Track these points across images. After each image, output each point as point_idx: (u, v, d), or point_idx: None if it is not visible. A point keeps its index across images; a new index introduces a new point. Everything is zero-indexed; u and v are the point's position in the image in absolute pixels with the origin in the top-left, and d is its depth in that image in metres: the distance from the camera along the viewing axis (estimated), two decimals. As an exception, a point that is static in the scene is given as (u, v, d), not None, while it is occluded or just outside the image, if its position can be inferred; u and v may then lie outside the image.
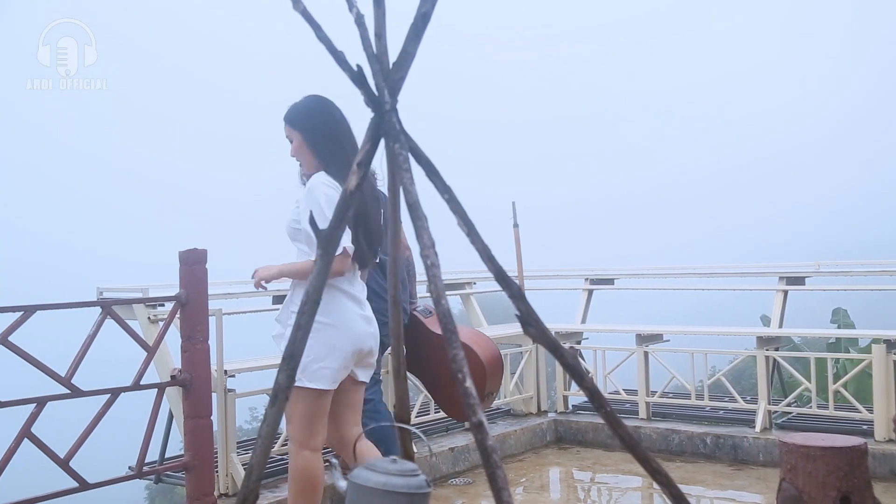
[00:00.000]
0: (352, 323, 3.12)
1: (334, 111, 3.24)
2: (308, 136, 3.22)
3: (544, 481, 5.12)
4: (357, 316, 3.17)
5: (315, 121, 3.21)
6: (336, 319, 3.10)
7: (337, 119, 3.22)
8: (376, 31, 1.69)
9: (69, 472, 3.55)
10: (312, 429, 3.13)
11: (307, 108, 3.25)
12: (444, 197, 1.70)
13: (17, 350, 3.33)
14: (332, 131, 3.20)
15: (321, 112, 3.23)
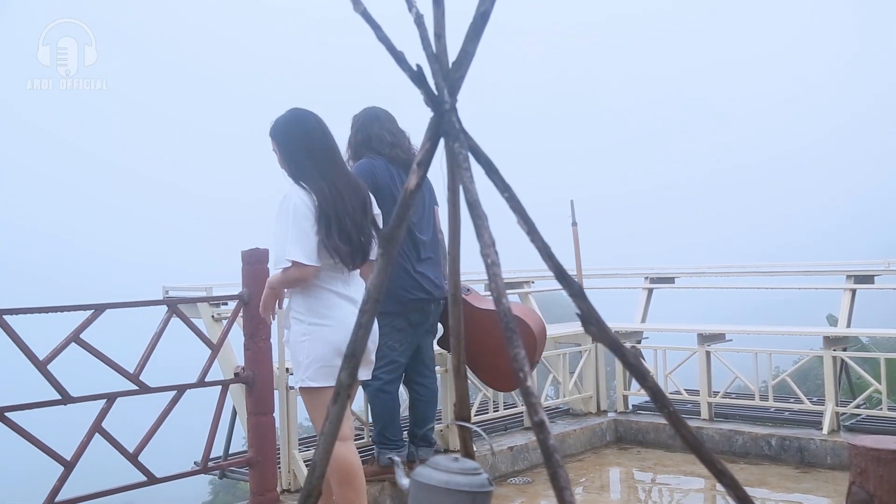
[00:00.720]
0: (347, 321, 3.14)
1: (308, 123, 3.35)
2: (280, 148, 3.37)
3: (604, 481, 5.08)
4: (352, 315, 3.14)
5: (287, 133, 3.35)
6: (331, 320, 3.21)
7: (309, 130, 3.33)
8: (436, 31, 1.69)
9: (138, 466, 3.65)
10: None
11: (282, 121, 3.38)
12: (504, 195, 1.70)
13: (87, 347, 3.43)
14: (301, 143, 3.30)
15: (293, 124, 3.36)
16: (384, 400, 4.14)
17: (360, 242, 3.29)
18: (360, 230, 3.29)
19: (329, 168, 3.30)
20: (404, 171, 4.14)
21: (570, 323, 6.77)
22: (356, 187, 3.38)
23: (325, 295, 3.23)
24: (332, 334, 3.20)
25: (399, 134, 4.18)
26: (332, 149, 3.37)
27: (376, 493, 4.18)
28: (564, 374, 5.85)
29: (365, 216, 3.33)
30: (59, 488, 3.37)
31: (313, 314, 3.23)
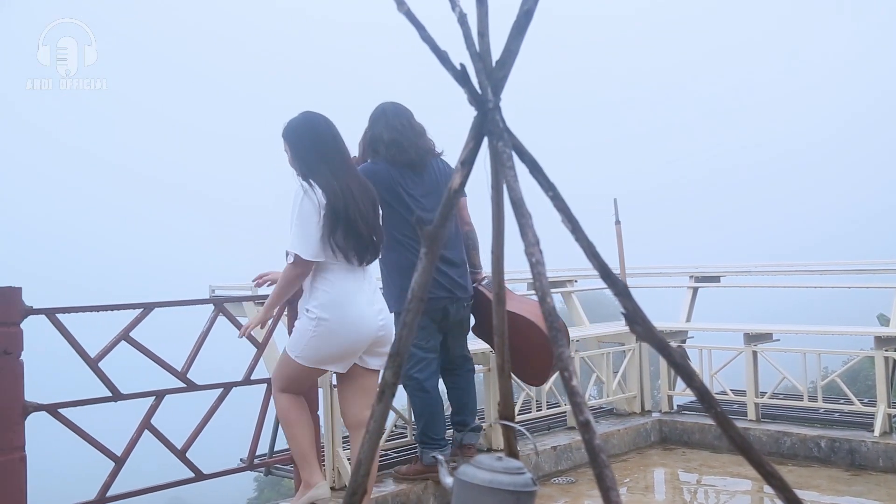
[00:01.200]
0: (357, 319, 3.37)
1: (319, 126, 3.50)
2: (292, 149, 3.50)
3: (649, 482, 5.03)
4: (363, 311, 3.40)
5: (298, 135, 3.49)
6: (342, 317, 3.35)
7: (320, 133, 3.47)
8: (479, 30, 1.69)
9: (186, 462, 3.70)
10: (295, 384, 3.52)
11: (294, 123, 3.52)
12: (549, 194, 1.69)
13: (136, 345, 3.49)
14: (312, 145, 3.44)
15: (304, 126, 3.50)
16: (424, 398, 4.15)
17: (371, 241, 3.45)
18: (371, 229, 3.44)
19: (340, 169, 3.43)
20: (410, 171, 4.12)
21: (613, 322, 6.73)
22: (367, 188, 3.52)
23: (337, 291, 3.36)
24: (340, 331, 3.36)
25: (404, 130, 4.09)
26: (341, 151, 3.50)
27: (420, 491, 4.20)
28: (608, 374, 5.81)
29: (376, 216, 3.50)
30: (111, 483, 3.44)
31: (325, 310, 3.36)
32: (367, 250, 3.44)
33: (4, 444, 3.06)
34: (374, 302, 3.47)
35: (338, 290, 3.36)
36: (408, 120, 4.14)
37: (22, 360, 3.13)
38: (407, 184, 4.07)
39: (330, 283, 3.37)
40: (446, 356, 4.32)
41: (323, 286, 3.37)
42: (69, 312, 3.32)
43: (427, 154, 4.14)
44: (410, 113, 4.19)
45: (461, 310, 4.23)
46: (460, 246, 4.27)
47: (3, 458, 3.05)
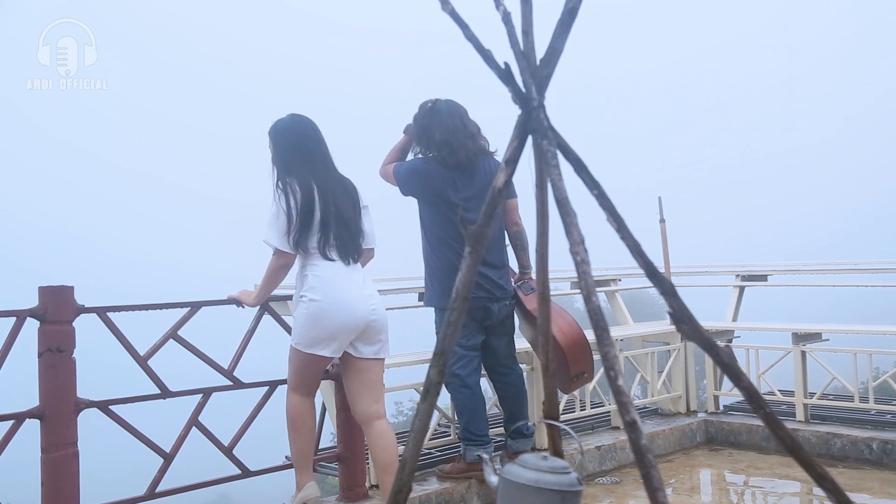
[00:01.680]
0: (348, 300, 3.48)
1: (304, 128, 3.64)
2: (275, 147, 3.63)
3: (695, 483, 4.98)
4: (354, 295, 3.51)
5: (283, 135, 3.62)
6: (329, 298, 3.46)
7: (304, 135, 3.62)
8: (523, 28, 1.69)
9: (233, 459, 3.75)
10: (302, 380, 3.60)
11: (280, 123, 3.66)
12: (594, 192, 1.68)
13: (185, 343, 3.55)
14: (295, 146, 3.58)
15: (290, 127, 3.64)
16: (466, 395, 4.15)
17: (349, 240, 3.57)
18: (348, 229, 3.57)
19: (321, 168, 3.58)
20: (459, 173, 4.11)
21: (657, 321, 6.67)
22: (346, 188, 3.64)
23: (324, 275, 3.49)
24: (330, 312, 3.46)
25: (456, 131, 4.07)
26: (324, 154, 3.64)
27: (463, 490, 4.20)
28: (652, 374, 5.75)
29: (356, 216, 3.63)
30: (160, 479, 3.50)
31: (314, 292, 3.48)
32: (347, 249, 3.56)
33: (58, 440, 3.13)
34: (363, 287, 3.58)
35: (326, 275, 3.49)
36: (461, 120, 4.11)
37: (74, 358, 3.20)
38: (455, 185, 4.07)
39: (318, 268, 3.51)
40: (494, 358, 4.31)
41: (311, 272, 3.51)
42: (119, 311, 3.38)
43: (477, 155, 4.11)
44: (464, 111, 4.15)
45: (503, 308, 4.22)
46: (502, 248, 4.26)
47: (57, 453, 3.13)
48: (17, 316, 3.12)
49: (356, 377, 3.62)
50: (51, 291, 3.17)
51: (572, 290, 5.81)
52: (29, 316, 3.13)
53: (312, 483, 3.63)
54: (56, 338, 3.14)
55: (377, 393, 3.67)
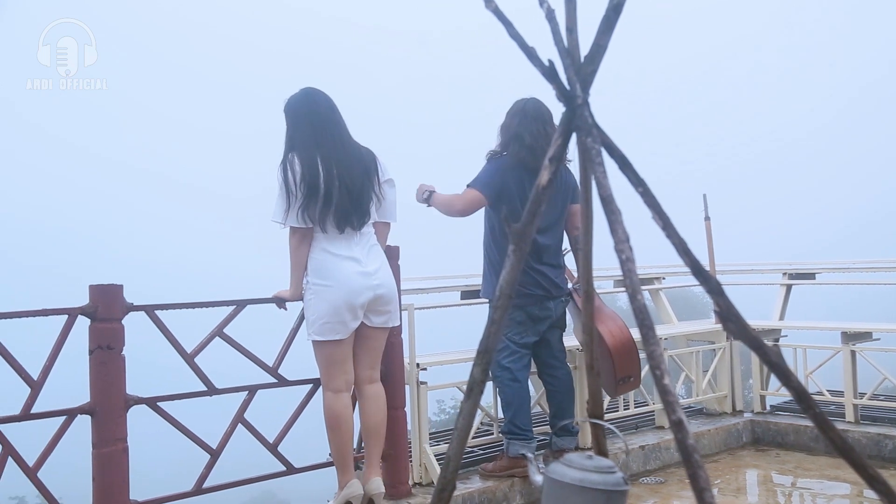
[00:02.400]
0: (347, 280, 3.52)
1: (317, 97, 3.67)
2: (288, 121, 3.67)
3: (741, 484, 4.91)
4: (353, 273, 3.54)
5: (295, 108, 3.66)
6: (331, 280, 3.52)
7: (316, 103, 3.65)
8: (567, 26, 1.68)
9: (278, 456, 3.79)
10: (331, 373, 3.62)
11: (293, 98, 3.69)
12: (639, 190, 1.67)
13: (230, 341, 3.59)
14: (307, 116, 3.61)
15: (303, 99, 3.67)
16: (515, 389, 4.17)
17: (355, 207, 3.57)
18: (353, 196, 3.57)
19: (329, 139, 3.58)
20: (534, 176, 4.11)
21: (701, 320, 6.59)
22: (360, 158, 3.65)
23: (325, 257, 3.55)
24: (333, 294, 3.51)
25: (538, 137, 4.11)
26: (336, 123, 3.65)
27: (506, 488, 4.20)
28: (697, 373, 5.68)
29: (368, 185, 3.64)
30: (206, 475, 3.55)
31: (317, 275, 3.55)
32: (349, 217, 3.57)
33: (108, 436, 3.19)
34: (367, 263, 3.60)
35: (323, 256, 3.55)
36: (543, 126, 4.14)
37: (123, 355, 3.26)
38: (528, 188, 4.09)
39: (317, 250, 3.57)
40: (547, 351, 4.36)
41: (312, 254, 3.57)
42: (167, 309, 3.44)
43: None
44: (549, 116, 4.18)
45: (559, 306, 4.29)
46: (560, 249, 4.34)
47: (107, 448, 3.19)
48: (68, 314, 3.18)
49: (360, 342, 3.69)
50: (101, 290, 3.23)
51: (615, 288, 5.76)
52: (80, 314, 3.20)
53: (355, 481, 3.65)
54: (106, 335, 3.20)
55: (375, 359, 3.77)
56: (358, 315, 3.58)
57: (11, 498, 28.00)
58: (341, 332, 3.55)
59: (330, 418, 3.62)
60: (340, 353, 3.61)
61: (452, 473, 1.90)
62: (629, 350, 4.17)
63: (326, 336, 3.54)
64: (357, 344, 3.69)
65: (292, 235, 3.57)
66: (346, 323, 3.54)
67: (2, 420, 3.07)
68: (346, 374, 3.66)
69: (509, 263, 1.78)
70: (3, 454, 3.09)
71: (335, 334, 3.54)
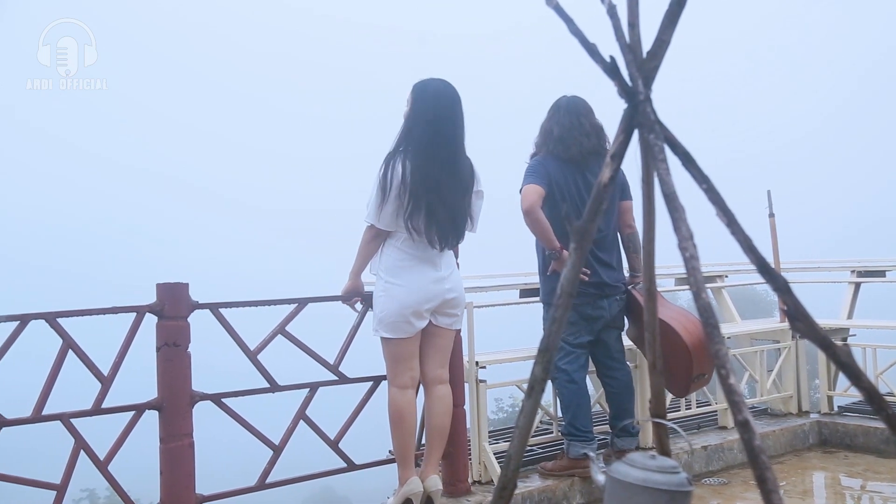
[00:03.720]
0: (420, 284, 3.54)
1: (442, 103, 3.56)
2: (411, 113, 3.58)
3: (807, 486, 4.80)
4: (427, 278, 3.56)
5: (421, 99, 3.57)
6: (403, 280, 3.54)
7: (438, 111, 3.54)
8: (629, 21, 1.66)
9: (339, 452, 3.83)
10: (397, 369, 3.63)
11: (426, 86, 3.60)
12: (703, 187, 1.65)
13: (292, 339, 3.64)
14: (425, 114, 3.53)
15: (430, 95, 3.57)
16: (572, 390, 4.14)
17: (449, 230, 3.58)
18: (452, 219, 3.57)
19: (440, 145, 3.52)
20: (574, 168, 4.10)
21: (765, 319, 6.46)
22: (461, 172, 3.60)
23: (403, 257, 3.56)
24: (404, 294, 3.53)
25: (572, 128, 4.08)
26: (452, 133, 3.57)
27: (566, 487, 4.17)
28: (761, 372, 5.57)
29: (463, 200, 3.61)
30: (269, 471, 3.61)
31: (391, 274, 3.55)
32: (448, 235, 3.59)
33: (175, 430, 3.27)
34: (441, 267, 3.62)
35: (402, 257, 3.56)
36: (577, 118, 4.12)
37: (189, 352, 3.33)
38: (568, 181, 4.07)
39: (397, 249, 3.57)
40: (605, 352, 4.30)
41: (389, 251, 3.59)
42: (231, 307, 3.50)
43: (590, 153, 4.09)
44: (586, 110, 4.16)
45: (613, 304, 4.20)
46: (613, 248, 4.25)
47: (174, 443, 3.26)
48: (137, 311, 3.27)
49: (428, 341, 3.70)
50: (167, 288, 3.31)
51: (677, 286, 5.67)
52: (148, 312, 3.28)
53: (415, 478, 3.66)
54: (173, 332, 3.28)
55: (444, 358, 3.78)
56: (424, 317, 3.60)
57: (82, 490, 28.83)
58: (406, 331, 3.57)
59: (394, 414, 3.64)
60: (407, 350, 3.62)
61: (514, 472, 1.90)
62: (706, 346, 4.09)
63: (392, 334, 3.57)
64: (425, 342, 3.70)
65: (369, 231, 3.58)
66: (411, 323, 3.56)
67: (74, 414, 3.17)
68: (412, 371, 3.66)
69: (570, 262, 1.77)
70: (75, 447, 3.19)
71: (401, 333, 3.56)
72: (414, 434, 3.72)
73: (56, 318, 3.14)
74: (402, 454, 3.67)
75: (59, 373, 3.16)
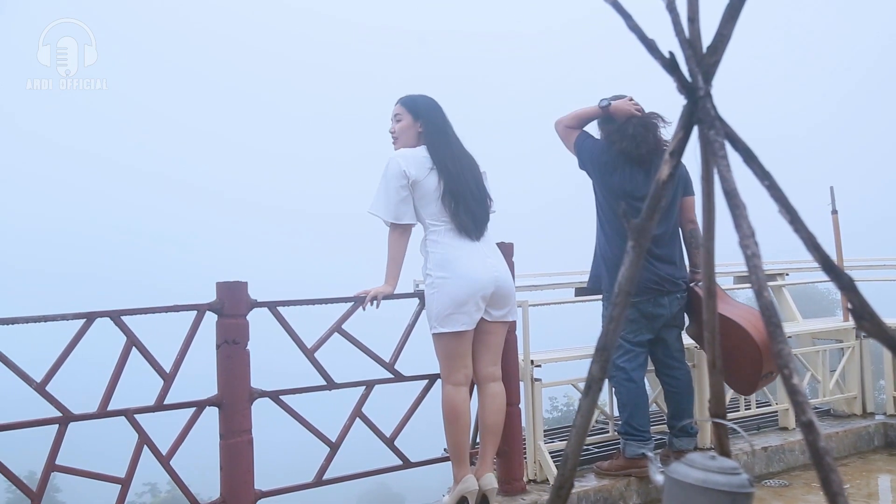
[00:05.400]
0: (469, 272, 3.56)
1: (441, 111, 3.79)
2: (426, 124, 3.73)
3: (872, 489, 4.67)
4: (477, 265, 3.59)
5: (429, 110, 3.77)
6: (452, 272, 3.56)
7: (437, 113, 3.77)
8: (689, 16, 1.64)
9: (394, 450, 3.85)
10: (451, 366, 3.63)
11: (422, 100, 3.80)
12: (764, 184, 1.62)
13: (349, 337, 3.67)
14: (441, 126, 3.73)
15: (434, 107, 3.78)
16: (630, 389, 4.10)
17: (482, 214, 3.70)
18: (480, 203, 3.70)
19: (454, 143, 3.72)
20: (637, 167, 4.08)
21: (828, 317, 6.32)
22: (474, 168, 3.76)
23: (448, 250, 3.60)
24: (454, 287, 3.55)
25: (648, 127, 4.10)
26: (453, 131, 3.78)
27: (622, 487, 4.14)
28: (824, 373, 5.45)
29: (483, 194, 3.74)
30: (326, 467, 3.65)
31: (438, 268, 3.58)
32: (477, 223, 3.67)
33: (235, 427, 3.32)
34: (486, 257, 3.65)
35: (447, 250, 3.60)
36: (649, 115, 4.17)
37: (248, 350, 3.39)
38: (634, 180, 4.05)
39: (439, 244, 3.61)
40: (665, 350, 4.26)
41: (433, 248, 3.62)
42: (289, 305, 3.55)
43: (655, 152, 4.07)
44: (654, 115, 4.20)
45: (674, 302, 4.14)
46: (674, 244, 4.20)
47: (233, 439, 3.32)
48: (197, 310, 3.33)
49: (480, 338, 3.70)
50: (227, 287, 3.37)
51: (736, 284, 5.58)
52: (208, 310, 3.34)
53: (471, 476, 3.66)
54: (232, 330, 3.33)
55: (496, 355, 3.77)
56: (480, 306, 3.60)
57: (144, 484, 29.50)
58: (466, 322, 3.57)
59: (449, 412, 3.64)
60: (462, 346, 3.63)
61: (571, 471, 1.89)
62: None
63: (451, 328, 3.57)
64: (477, 339, 3.70)
65: (393, 230, 3.63)
66: (470, 314, 3.57)
67: (138, 410, 3.25)
68: (466, 368, 3.67)
69: (628, 260, 1.76)
70: (139, 442, 3.27)
71: (460, 325, 3.56)
72: (468, 432, 3.72)
73: (120, 316, 3.21)
74: (456, 452, 3.68)
75: (123, 370, 3.23)
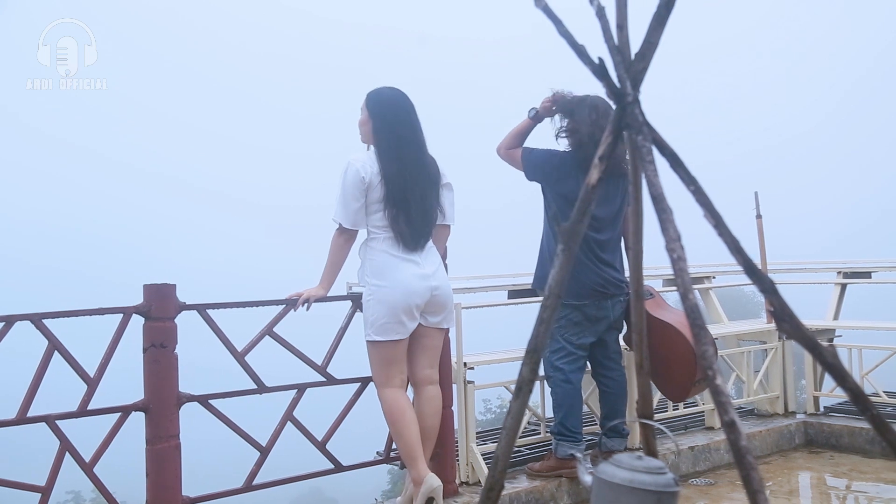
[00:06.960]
0: (406, 282, 3.54)
1: (403, 106, 3.67)
2: (373, 120, 3.65)
3: (793, 486, 4.82)
4: (411, 275, 3.56)
5: (382, 107, 3.67)
6: (388, 281, 3.55)
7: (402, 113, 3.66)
8: (618, 23, 1.66)
9: (326, 454, 3.82)
10: (388, 373, 3.63)
11: (382, 95, 3.71)
12: (690, 188, 1.65)
13: (280, 340, 3.63)
14: (392, 124, 3.62)
15: (390, 102, 3.68)
16: (567, 390, 4.14)
17: (423, 225, 3.63)
18: (424, 213, 3.63)
19: (409, 153, 3.61)
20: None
21: (752, 320, 6.49)
22: (428, 169, 3.68)
23: (385, 259, 3.57)
24: (390, 295, 3.53)
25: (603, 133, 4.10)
26: (414, 135, 3.66)
27: (553, 488, 4.18)
28: (748, 373, 5.60)
29: (434, 201, 3.69)
30: (256, 472, 3.60)
31: (377, 276, 3.57)
32: (422, 231, 3.63)
33: (161, 433, 3.25)
34: (425, 265, 3.63)
35: (384, 258, 3.57)
36: (607, 121, 4.09)
37: (176, 354, 3.32)
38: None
39: (377, 252, 3.59)
40: (603, 351, 4.31)
41: (371, 255, 3.60)
42: (219, 308, 3.49)
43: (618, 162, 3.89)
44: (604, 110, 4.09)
45: (616, 306, 4.21)
46: (619, 251, 4.25)
47: (160, 445, 3.25)
48: (123, 313, 3.25)
49: (416, 342, 3.70)
50: (155, 289, 3.29)
51: (665, 287, 5.70)
52: (134, 313, 3.26)
53: (432, 475, 3.61)
54: (159, 333, 3.26)
55: (433, 359, 3.78)
56: (415, 316, 3.59)
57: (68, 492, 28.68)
58: (400, 332, 3.57)
59: (394, 413, 3.61)
60: (398, 353, 3.62)
61: (501, 472, 1.90)
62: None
63: (385, 336, 3.56)
64: (414, 343, 3.69)
65: (340, 234, 3.60)
66: (404, 323, 3.56)
67: (60, 416, 3.15)
68: (402, 374, 3.67)
69: (558, 263, 1.78)
70: (60, 449, 3.17)
71: (394, 334, 3.56)
72: (416, 430, 3.67)
73: (42, 319, 3.11)
74: (409, 452, 3.62)
75: (45, 374, 3.13)
